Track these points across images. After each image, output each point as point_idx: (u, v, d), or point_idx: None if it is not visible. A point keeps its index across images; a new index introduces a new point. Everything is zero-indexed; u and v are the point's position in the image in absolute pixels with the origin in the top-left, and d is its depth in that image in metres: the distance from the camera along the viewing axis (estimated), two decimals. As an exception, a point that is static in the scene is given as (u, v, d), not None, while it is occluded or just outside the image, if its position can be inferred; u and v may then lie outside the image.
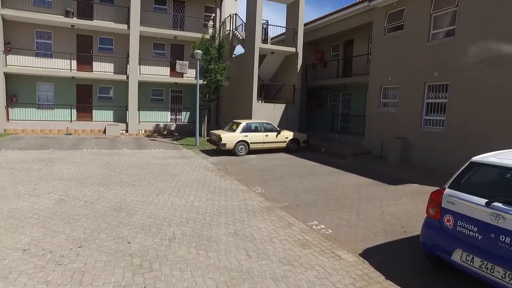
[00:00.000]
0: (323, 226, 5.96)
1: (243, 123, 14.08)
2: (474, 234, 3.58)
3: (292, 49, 18.40)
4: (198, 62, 16.22)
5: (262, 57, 19.47)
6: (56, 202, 6.66)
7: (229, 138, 13.56)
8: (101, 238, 4.99)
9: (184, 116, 23.69)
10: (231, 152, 13.75)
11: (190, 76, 22.19)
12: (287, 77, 19.26)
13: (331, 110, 20.46)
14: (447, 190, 4.01)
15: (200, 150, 15.09)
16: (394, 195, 8.23)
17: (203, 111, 19.14)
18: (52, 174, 9.12)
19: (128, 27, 19.59)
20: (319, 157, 14.06)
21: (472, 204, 3.63)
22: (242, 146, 13.77)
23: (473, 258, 3.54)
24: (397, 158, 12.83)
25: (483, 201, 3.55)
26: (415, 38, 12.63)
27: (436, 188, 4.41)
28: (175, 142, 18.00)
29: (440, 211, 4.00)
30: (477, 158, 4.00)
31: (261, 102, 18.23)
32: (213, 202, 7.14)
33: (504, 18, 9.85)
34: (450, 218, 3.86)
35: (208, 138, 15.47)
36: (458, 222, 3.75)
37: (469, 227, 3.64)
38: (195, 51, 15.82)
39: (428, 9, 12.17)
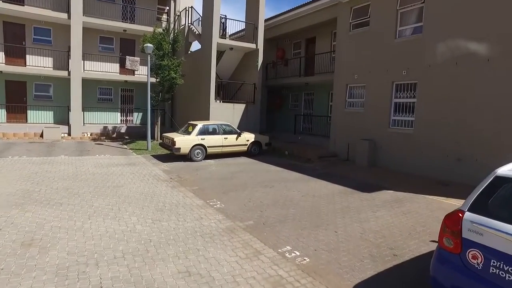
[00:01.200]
0: (298, 253, 4.83)
1: (200, 125, 12.71)
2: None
3: (252, 46, 17.29)
4: (148, 57, 14.56)
5: (220, 54, 18.16)
6: None
7: (184, 141, 12.12)
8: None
9: (136, 118, 21.74)
10: (187, 157, 12.32)
11: (142, 73, 20.34)
12: (247, 75, 18.12)
13: (293, 110, 19.62)
14: (468, 215, 3.02)
15: (152, 156, 13.48)
16: (371, 205, 7.33)
17: (156, 111, 17.45)
18: (-45, 192, 7.21)
19: (69, 17, 17.35)
20: (283, 161, 13.05)
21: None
22: (198, 150, 12.39)
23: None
24: (365, 161, 12.14)
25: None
26: (381, 35, 12.02)
27: (412, 195, 3.41)
28: (125, 146, 16.16)
29: (461, 243, 3.01)
30: (505, 172, 3.04)
31: (220, 102, 16.92)
32: (161, 224, 5.76)
33: (472, 15, 9.41)
34: (478, 255, 2.87)
35: (161, 141, 13.89)
36: (493, 261, 2.76)
37: None
38: (145, 45, 14.16)
39: (394, 5, 11.58)
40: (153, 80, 17.13)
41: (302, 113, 18.97)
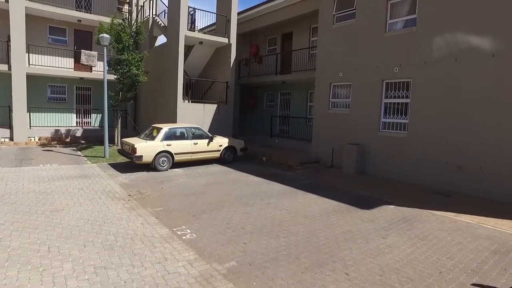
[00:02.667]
0: (306, 320, 3.36)
1: (165, 128, 10.96)
2: None
3: (224, 40, 15.70)
4: (105, 50, 12.57)
5: (188, 49, 16.44)
6: None
7: (146, 148, 10.34)
8: None
9: (94, 120, 19.44)
10: (150, 167, 10.56)
11: (100, 70, 18.11)
12: (219, 73, 16.51)
13: (268, 111, 18.23)
14: None
15: (110, 164, 11.55)
16: (377, 228, 6.01)
17: (116, 113, 15.42)
18: None
19: (7, 0, 14.89)
20: (262, 169, 11.58)
21: None
22: (164, 158, 10.65)
23: None
24: (353, 168, 10.93)
25: None
26: (369, 28, 10.86)
27: (418, 211, 2.14)
28: (79, 153, 14.04)
29: None
30: None
31: (188, 102, 15.19)
32: (107, 275, 4.09)
33: (473, 4, 8.41)
34: None
35: (119, 148, 11.97)
36: None
37: None
38: (101, 35, 12.18)
39: (383, -5, 10.47)
40: (113, 77, 15.12)
41: (278, 114, 17.63)
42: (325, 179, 10.19)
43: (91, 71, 18.19)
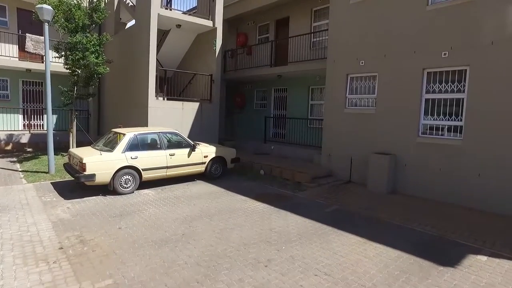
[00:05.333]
0: None
1: (129, 134, 7.89)
2: None
3: (208, 23, 12.71)
4: (46, 28, 9.26)
5: (164, 34, 13.38)
6: None
7: (101, 163, 7.25)
8: None
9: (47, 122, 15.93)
10: (109, 188, 7.48)
11: (55, 61, 14.67)
12: (201, 64, 13.52)
13: (259, 111, 15.39)
14: None
15: (53, 184, 8.39)
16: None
17: (71, 113, 12.12)
18: None
19: None
20: (262, 187, 8.72)
21: None
22: (127, 176, 7.59)
23: None
24: (384, 185, 8.26)
25: None
26: (403, 1, 8.23)
27: None
28: (17, 165, 10.69)
29: None
30: None
31: (163, 99, 12.12)
32: None
33: None
34: None
35: (67, 161, 8.77)
36: None
37: None
38: (38, 6, 8.91)
39: (422, -44, 7.85)
40: (64, 68, 11.84)
41: (272, 114, 14.81)
42: (352, 202, 7.43)
43: (42, 62, 14.73)
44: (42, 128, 15.65)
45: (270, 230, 5.61)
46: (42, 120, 15.80)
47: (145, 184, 8.14)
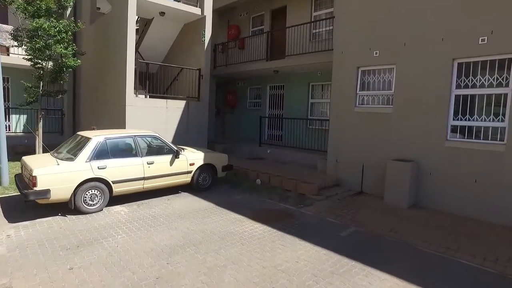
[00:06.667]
0: None
1: (96, 139, 6.38)
2: None
3: (196, 11, 11.24)
4: None
5: (146, 24, 11.88)
6: None
7: (57, 176, 5.73)
8: None
9: (15, 123, 14.26)
10: (69, 206, 5.98)
11: (22, 53, 13.03)
12: (189, 58, 12.05)
13: (253, 111, 14.01)
14: None
15: (3, 199, 6.84)
16: None
17: (37, 113, 10.50)
18: None
19: None
20: (259, 201, 7.31)
21: None
22: (94, 191, 6.10)
23: None
24: (405, 198, 6.92)
25: None
26: (427, -22, 6.92)
27: None
28: (-29, 173, 9.04)
29: None
30: None
31: (146, 97, 10.62)
32: None
33: None
34: None
35: (19, 173, 7.18)
36: None
37: None
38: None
39: None
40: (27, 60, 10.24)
41: (267, 114, 13.43)
42: (371, 221, 6.06)
43: (8, 54, 13.08)
44: (10, 130, 13.96)
45: (275, 268, 4.19)
46: (10, 120, 14.10)
47: (117, 199, 6.66)
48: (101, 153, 6.28)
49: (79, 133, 7.05)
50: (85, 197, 6.01)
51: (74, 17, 12.78)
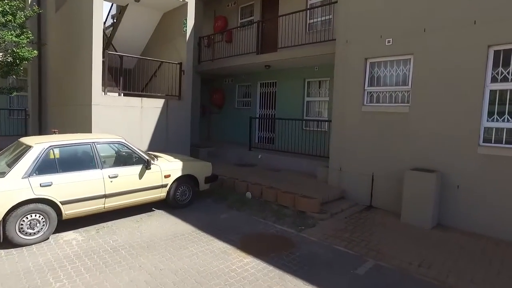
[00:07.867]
0: None
1: (39, 146, 4.92)
2: None
3: (176, -3, 9.85)
4: None
5: (120, 12, 10.40)
6: None
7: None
8: None
9: (-25, 124, 12.62)
10: (3, 236, 4.53)
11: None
12: (169, 52, 10.61)
13: (242, 110, 12.67)
14: None
15: None
16: None
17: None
18: None
19: None
20: (250, 222, 5.95)
21: None
22: (35, 216, 4.66)
23: None
24: (428, 217, 5.67)
25: None
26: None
27: None
28: None
29: None
30: None
31: (119, 95, 9.17)
32: None
33: None
34: None
35: None
36: None
37: None
38: None
39: None
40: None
41: (258, 114, 12.10)
42: (392, 249, 4.77)
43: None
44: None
45: None
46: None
47: (72, 222, 5.24)
48: (45, 166, 4.84)
49: (21, 139, 5.57)
50: (22, 224, 4.57)
51: (38, 4, 11.21)
